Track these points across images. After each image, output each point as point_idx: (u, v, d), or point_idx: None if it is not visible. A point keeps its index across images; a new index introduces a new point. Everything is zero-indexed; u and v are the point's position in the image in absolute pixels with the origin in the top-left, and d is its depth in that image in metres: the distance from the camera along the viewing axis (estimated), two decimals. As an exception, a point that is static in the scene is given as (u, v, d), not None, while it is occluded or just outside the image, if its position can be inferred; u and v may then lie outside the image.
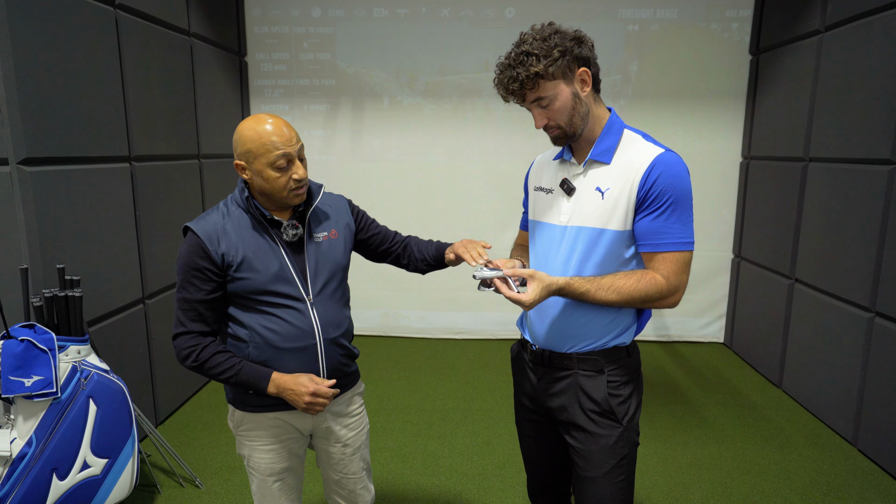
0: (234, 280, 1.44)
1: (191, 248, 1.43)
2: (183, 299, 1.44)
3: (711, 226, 4.30)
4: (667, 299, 1.36)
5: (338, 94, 4.29)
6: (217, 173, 3.73)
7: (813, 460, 2.79)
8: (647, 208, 1.34)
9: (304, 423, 1.59)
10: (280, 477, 1.59)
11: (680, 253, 1.34)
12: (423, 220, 4.36)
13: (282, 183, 1.42)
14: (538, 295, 1.28)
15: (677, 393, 3.53)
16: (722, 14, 4.04)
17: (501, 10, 4.13)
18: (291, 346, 1.48)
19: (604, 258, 1.40)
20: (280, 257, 1.48)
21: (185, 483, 2.56)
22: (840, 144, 3.05)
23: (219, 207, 1.51)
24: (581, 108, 1.37)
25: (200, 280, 1.43)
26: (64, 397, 2.04)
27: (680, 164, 1.35)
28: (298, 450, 1.63)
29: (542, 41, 1.31)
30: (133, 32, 2.80)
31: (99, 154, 2.58)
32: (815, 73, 3.28)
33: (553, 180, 1.51)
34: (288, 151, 1.41)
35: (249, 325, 1.48)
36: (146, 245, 2.92)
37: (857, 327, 2.88)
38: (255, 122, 1.42)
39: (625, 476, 1.47)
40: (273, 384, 1.44)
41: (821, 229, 3.21)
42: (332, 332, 1.54)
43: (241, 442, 1.60)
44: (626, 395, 1.47)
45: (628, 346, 1.49)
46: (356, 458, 1.70)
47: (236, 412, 1.58)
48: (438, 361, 4.04)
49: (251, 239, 1.46)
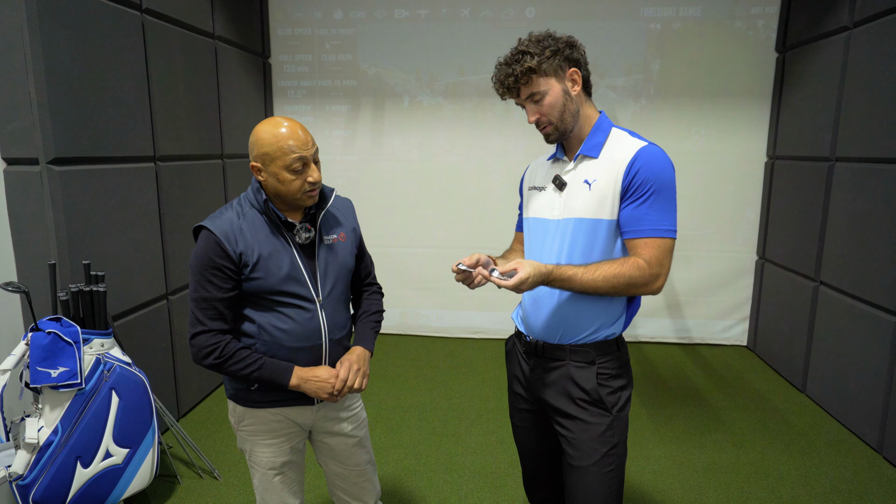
0: (249, 279, 1.47)
1: (208, 246, 1.44)
2: (201, 298, 1.45)
3: (735, 227, 4.23)
4: (650, 285, 1.39)
5: (359, 95, 4.34)
6: (240, 173, 3.81)
7: (835, 466, 2.73)
8: (630, 197, 1.41)
9: (304, 419, 1.62)
10: (281, 471, 1.63)
11: (661, 239, 1.39)
12: (444, 220, 4.38)
13: (297, 185, 1.45)
14: (526, 274, 1.29)
15: (696, 396, 3.48)
16: (747, 11, 3.97)
17: (522, 11, 4.12)
18: (299, 345, 1.52)
19: (595, 248, 1.45)
20: (293, 258, 1.51)
21: (204, 474, 2.63)
22: (867, 144, 2.97)
23: (232, 206, 1.52)
24: (571, 105, 1.46)
25: (219, 278, 1.44)
26: (88, 388, 2.12)
27: (662, 156, 1.41)
28: (298, 444, 1.66)
29: (537, 43, 1.42)
30: (159, 36, 2.88)
31: (125, 154, 2.66)
32: (843, 70, 3.20)
33: (546, 178, 1.58)
34: (304, 155, 1.43)
35: (259, 323, 1.51)
36: (169, 243, 3.00)
37: (883, 331, 2.80)
38: (271, 125, 1.44)
39: (615, 467, 1.49)
40: (296, 377, 1.49)
41: (846, 231, 3.13)
42: (338, 333, 1.59)
43: (243, 437, 1.63)
44: (616, 386, 1.51)
45: (618, 339, 1.53)
46: (358, 449, 1.72)
47: (237, 408, 1.60)
48: (456, 360, 4.06)
49: (265, 239, 1.48)
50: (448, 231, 4.41)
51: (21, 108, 2.21)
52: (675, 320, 4.41)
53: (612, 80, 4.15)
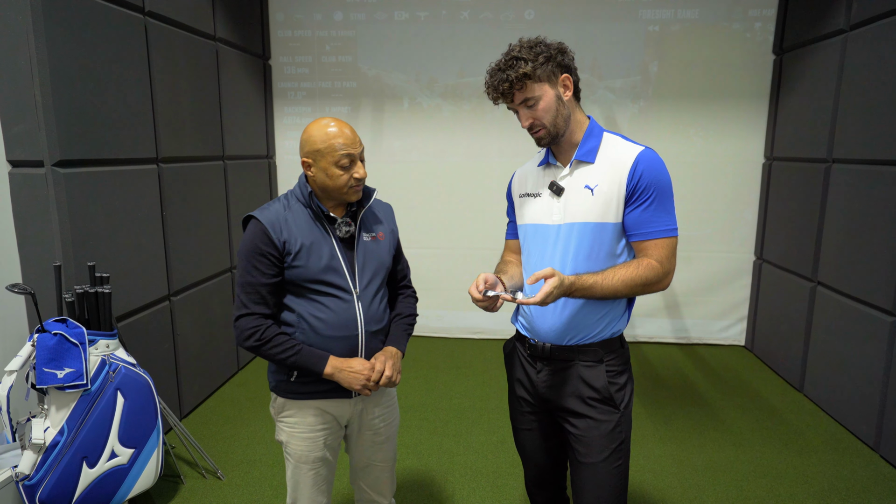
0: (291, 267, 1.55)
1: (255, 234, 1.54)
2: (247, 283, 1.54)
3: (733, 227, 4.26)
4: (662, 282, 1.47)
5: (359, 97, 4.36)
6: (241, 174, 3.82)
7: (832, 465, 2.76)
8: (636, 201, 1.46)
9: (342, 412, 1.68)
10: (314, 466, 1.69)
11: (669, 239, 1.47)
12: (443, 221, 4.40)
13: (344, 180, 1.55)
14: (552, 287, 1.32)
15: (695, 395, 3.51)
16: (745, 13, 4.00)
17: (521, 12, 4.15)
18: (336, 334, 1.59)
19: (598, 251, 1.48)
20: (333, 250, 1.59)
21: (208, 475, 2.65)
22: (864, 146, 3.01)
23: (280, 200, 1.63)
24: (563, 110, 1.49)
25: (265, 265, 1.53)
26: (93, 389, 2.13)
27: (659, 160, 1.48)
28: (333, 442, 1.72)
29: (529, 49, 1.45)
30: (161, 38, 2.90)
31: (128, 156, 2.68)
32: (840, 72, 3.23)
33: (539, 184, 1.59)
34: (351, 152, 1.54)
35: (298, 312, 1.59)
36: (172, 244, 3.02)
37: (879, 331, 2.84)
38: (322, 124, 1.55)
39: (622, 461, 1.53)
40: (330, 366, 1.56)
41: (843, 232, 3.16)
42: (374, 325, 1.65)
43: (281, 428, 1.70)
44: (622, 383, 1.55)
45: (621, 336, 1.58)
46: (386, 446, 1.79)
47: (278, 399, 1.67)
48: (456, 360, 4.08)
49: (308, 231, 1.58)
50: (448, 232, 4.43)
51: (26, 110, 2.22)
52: (673, 320, 4.44)
53: (611, 82, 4.18)
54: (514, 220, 1.71)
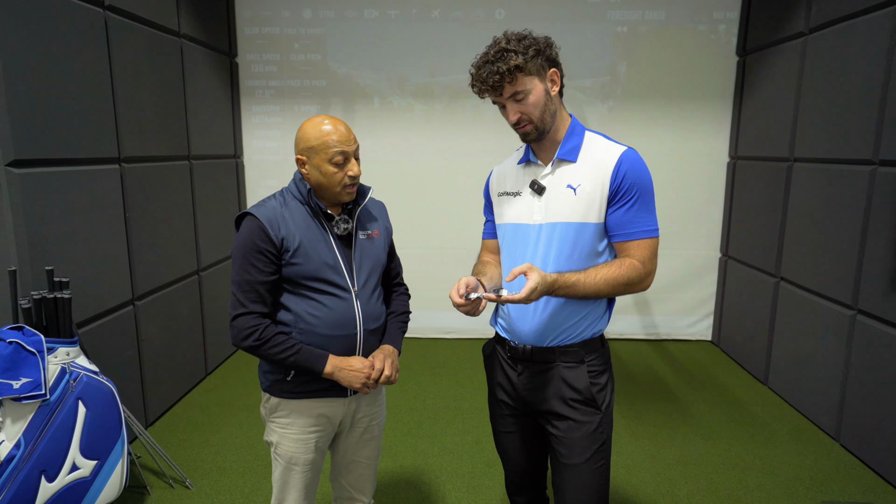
0: (289, 265, 1.53)
1: (252, 231, 1.51)
2: (243, 281, 1.51)
3: (699, 225, 4.35)
4: (643, 282, 1.46)
5: (328, 95, 4.30)
6: (207, 174, 3.73)
7: (797, 455, 2.84)
8: (619, 201, 1.45)
9: (336, 412, 1.66)
10: (303, 469, 1.66)
11: (651, 239, 1.46)
12: (415, 221, 4.37)
13: (338, 178, 1.54)
14: (535, 283, 1.30)
15: (665, 390, 3.57)
16: (709, 16, 4.09)
17: (491, 12, 4.15)
18: (334, 333, 1.57)
19: (580, 251, 1.47)
20: (331, 247, 1.58)
21: (176, 484, 2.57)
22: (824, 145, 3.10)
23: (275, 197, 1.60)
24: (551, 105, 1.47)
25: (262, 262, 1.50)
26: (53, 399, 2.05)
27: (641, 160, 1.47)
28: (324, 445, 1.70)
29: (519, 41, 1.42)
30: (122, 34, 2.80)
31: (88, 155, 2.58)
32: (800, 74, 3.33)
33: (519, 183, 1.57)
34: (345, 150, 1.53)
35: (295, 311, 1.56)
36: (136, 246, 2.92)
37: (840, 325, 2.93)
38: (317, 122, 1.54)
39: (604, 462, 1.53)
40: (330, 364, 1.54)
41: (805, 229, 3.26)
42: (372, 324, 1.63)
43: (272, 429, 1.66)
44: (604, 383, 1.54)
45: (601, 336, 1.57)
46: (373, 444, 1.79)
47: (271, 398, 1.64)
48: (428, 361, 4.06)
49: (306, 228, 1.56)
50: (419, 232, 4.41)
51: (-23, 108, 2.12)
52: (642, 317, 4.51)
53: (581, 82, 4.22)
54: (491, 219, 1.68)
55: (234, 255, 1.53)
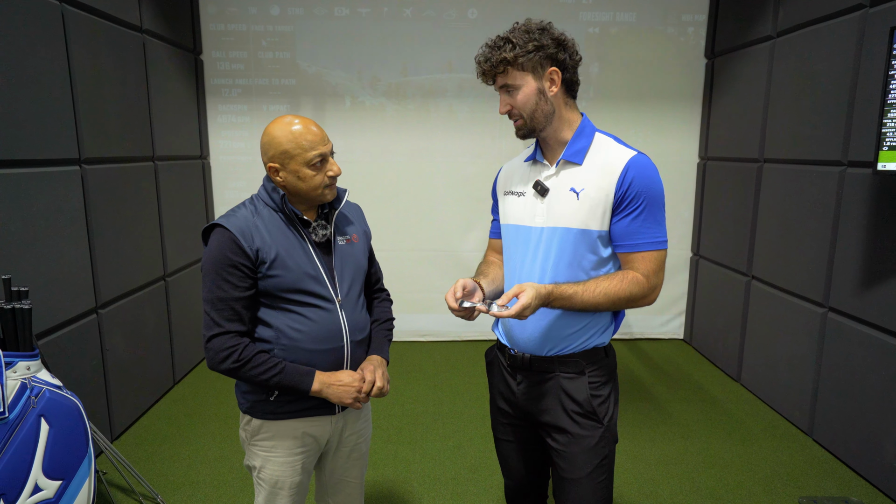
0: (266, 277, 1.42)
1: (222, 244, 1.39)
2: (217, 299, 1.40)
3: (671, 225, 4.39)
4: (647, 297, 1.40)
5: (298, 95, 4.20)
6: (173, 175, 3.58)
7: (773, 451, 2.89)
8: (625, 210, 1.38)
9: (322, 431, 1.57)
10: (289, 492, 1.57)
11: (657, 252, 1.39)
12: (388, 222, 4.30)
13: (318, 181, 1.44)
14: (528, 299, 1.26)
15: (642, 390, 3.60)
16: (678, 18, 4.15)
17: (464, 11, 4.11)
18: (320, 347, 1.47)
19: (580, 259, 1.41)
20: (310, 256, 1.48)
21: (146, 501, 2.45)
22: (793, 146, 3.17)
23: (245, 206, 1.49)
24: (545, 106, 1.40)
25: (236, 277, 1.40)
26: (12, 417, 1.91)
27: (652, 167, 1.40)
28: (310, 466, 1.61)
29: (524, 33, 1.36)
30: (81, 28, 2.66)
31: (47, 157, 2.43)
32: (769, 76, 3.40)
33: (524, 183, 1.51)
34: (323, 151, 1.43)
35: (276, 326, 1.46)
36: (99, 252, 2.78)
37: (810, 322, 3.00)
38: (285, 124, 1.42)
39: (606, 476, 1.48)
40: (318, 381, 1.44)
41: (776, 228, 3.33)
42: (359, 335, 1.56)
43: (255, 452, 1.55)
44: (606, 395, 1.48)
45: (606, 346, 1.51)
46: (361, 462, 1.71)
47: (253, 421, 1.53)
48: (405, 365, 4.00)
49: (281, 236, 1.45)
50: (393, 234, 4.34)
51: (-77, 105, 1.97)
52: (616, 316, 4.55)
53: (554, 83, 4.21)
54: (497, 217, 1.63)
55: (205, 270, 1.42)
